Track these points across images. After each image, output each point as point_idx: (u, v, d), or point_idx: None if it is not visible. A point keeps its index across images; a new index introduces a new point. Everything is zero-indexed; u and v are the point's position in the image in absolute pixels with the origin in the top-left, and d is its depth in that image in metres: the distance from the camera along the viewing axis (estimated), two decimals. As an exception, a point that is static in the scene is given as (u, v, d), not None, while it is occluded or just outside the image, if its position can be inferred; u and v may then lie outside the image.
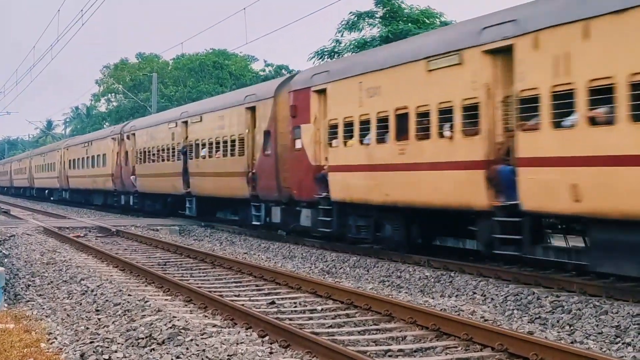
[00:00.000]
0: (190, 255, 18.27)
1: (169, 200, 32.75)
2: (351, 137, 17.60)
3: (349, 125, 17.68)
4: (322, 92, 19.05)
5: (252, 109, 23.19)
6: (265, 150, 22.27)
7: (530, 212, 12.67)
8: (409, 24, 35.67)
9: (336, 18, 71.42)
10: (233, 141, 24.44)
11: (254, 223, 23.43)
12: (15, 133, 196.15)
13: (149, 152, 33.54)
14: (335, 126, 18.31)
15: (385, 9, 36.79)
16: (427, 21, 36.36)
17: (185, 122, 28.95)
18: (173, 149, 30.24)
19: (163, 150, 31.59)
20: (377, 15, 37.53)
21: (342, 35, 38.21)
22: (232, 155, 24.56)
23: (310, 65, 35.97)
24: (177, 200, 31.06)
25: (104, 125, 71.27)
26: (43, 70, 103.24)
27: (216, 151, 26.06)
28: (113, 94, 79.34)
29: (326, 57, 37.49)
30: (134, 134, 36.27)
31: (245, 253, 19.50)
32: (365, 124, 17.07)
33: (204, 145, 27.18)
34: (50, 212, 40.59)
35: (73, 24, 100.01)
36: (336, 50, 37.73)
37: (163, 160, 31.50)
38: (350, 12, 37.65)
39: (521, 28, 12.65)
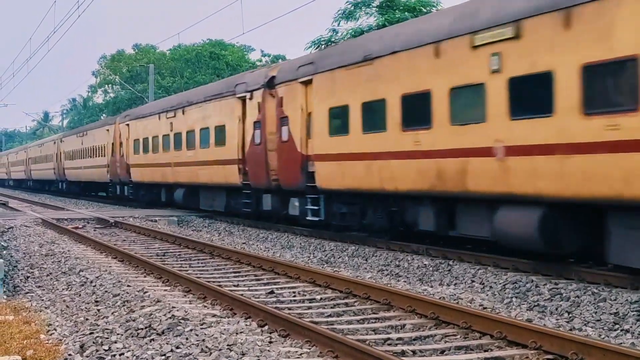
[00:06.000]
0: (189, 246, 18.29)
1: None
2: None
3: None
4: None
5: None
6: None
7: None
8: (406, 13, 35.55)
9: (333, 7, 71.15)
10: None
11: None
12: (12, 125, 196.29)
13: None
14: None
15: (381, -3, 36.71)
16: (424, 10, 36.20)
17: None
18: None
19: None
20: (373, 4, 37.41)
21: (338, 25, 38.08)
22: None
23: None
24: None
25: (101, 117, 71.18)
26: (40, 61, 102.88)
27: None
28: (110, 85, 79.11)
29: (323, 46, 37.35)
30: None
31: (243, 243, 19.52)
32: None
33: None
34: (48, 203, 40.56)
35: (70, 15, 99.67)
36: (333, 39, 37.60)
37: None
38: (347, 1, 37.53)
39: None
